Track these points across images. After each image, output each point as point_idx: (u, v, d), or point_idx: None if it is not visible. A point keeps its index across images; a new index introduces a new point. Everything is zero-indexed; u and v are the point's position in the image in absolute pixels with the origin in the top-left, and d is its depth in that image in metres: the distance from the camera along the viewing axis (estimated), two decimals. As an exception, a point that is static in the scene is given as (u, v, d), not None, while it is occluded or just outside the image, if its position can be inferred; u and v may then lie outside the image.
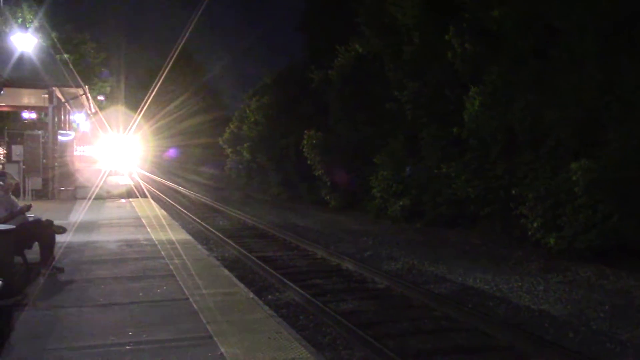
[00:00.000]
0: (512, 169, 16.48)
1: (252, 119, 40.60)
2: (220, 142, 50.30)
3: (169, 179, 48.49)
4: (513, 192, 15.97)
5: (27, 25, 13.78)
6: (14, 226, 7.34)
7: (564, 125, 14.71)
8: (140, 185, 26.71)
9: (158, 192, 31.55)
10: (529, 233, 15.24)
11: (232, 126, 47.90)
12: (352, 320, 8.41)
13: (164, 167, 57.62)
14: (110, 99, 44.46)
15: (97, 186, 22.33)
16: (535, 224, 15.05)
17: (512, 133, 16.36)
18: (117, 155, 31.41)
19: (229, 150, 49.13)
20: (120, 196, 22.93)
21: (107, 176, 25.14)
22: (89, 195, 21.61)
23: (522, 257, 14.22)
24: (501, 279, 11.72)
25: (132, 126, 37.66)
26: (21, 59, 18.73)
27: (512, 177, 16.37)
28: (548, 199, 14.69)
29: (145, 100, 41.00)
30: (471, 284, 11.43)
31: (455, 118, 18.02)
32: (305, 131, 28.16)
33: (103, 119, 31.87)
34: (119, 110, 42.62)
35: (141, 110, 40.18)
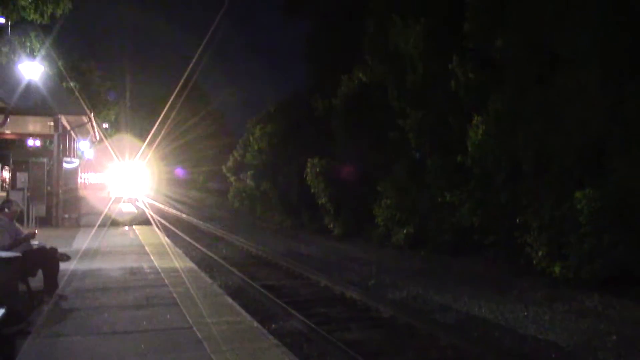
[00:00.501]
0: (516, 197, 16.45)
1: (256, 147, 40.71)
2: (224, 170, 50.35)
3: (173, 206, 48.51)
4: (517, 220, 15.93)
5: (35, 54, 13.94)
6: (19, 254, 7.34)
7: (568, 154, 14.72)
8: (145, 212, 26.68)
9: (162, 219, 31.50)
10: (534, 262, 15.16)
11: (235, 154, 47.99)
12: (356, 349, 8.34)
13: (168, 194, 57.61)
14: (116, 126, 44.78)
15: (102, 214, 22.31)
16: (539, 253, 14.99)
17: (516, 161, 16.37)
18: (123, 182, 31.44)
19: (232, 178, 49.15)
20: (125, 224, 22.93)
21: (113, 203, 25.14)
22: (92, 223, 21.60)
23: (527, 286, 14.12)
24: (506, 308, 11.63)
25: (138, 153, 37.80)
26: (28, 87, 18.87)
27: (516, 206, 16.32)
28: (552, 227, 14.65)
29: (152, 127, 41.18)
30: (476, 313, 11.35)
31: (459, 146, 18.05)
32: (309, 159, 28.22)
33: (109, 146, 32.02)
34: (125, 137, 42.84)
35: (148, 137, 40.35)
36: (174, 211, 44.51)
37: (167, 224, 29.92)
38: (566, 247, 14.18)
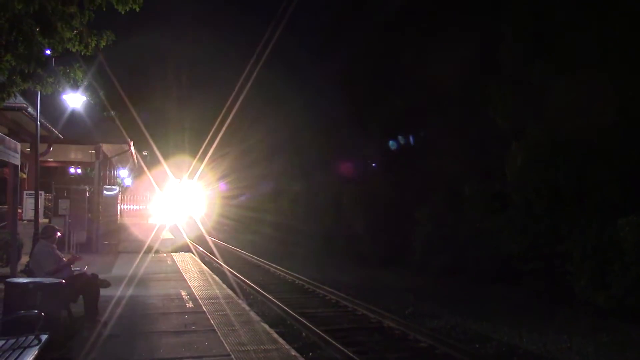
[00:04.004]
0: (556, 224, 16.13)
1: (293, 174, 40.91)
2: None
3: (211, 234, 48.77)
4: (558, 248, 15.60)
5: (78, 84, 14.29)
6: (62, 280, 7.46)
7: (610, 180, 14.43)
8: (185, 240, 26.92)
9: (198, 245, 31.68)
10: (576, 291, 14.79)
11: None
12: (395, 379, 8.21)
13: (210, 220, 57.61)
14: (152, 155, 45.30)
15: (141, 240, 22.61)
16: (581, 282, 14.62)
17: (557, 188, 16.09)
18: (166, 208, 31.62)
19: (270, 205, 49.27)
20: (164, 251, 23.14)
21: (154, 230, 25.40)
22: (132, 249, 21.88)
23: (569, 316, 13.77)
24: (549, 339, 11.35)
25: (182, 179, 37.97)
26: (71, 117, 19.39)
27: (557, 233, 16.00)
28: (595, 256, 14.30)
29: (200, 150, 41.03)
30: (517, 343, 11.09)
31: (497, 173, 17.85)
32: (346, 186, 28.22)
33: (149, 174, 32.44)
34: (170, 164, 43.04)
35: (194, 164, 40.34)
36: (211, 237, 44.73)
37: (204, 251, 30.06)
38: (610, 276, 13.80)
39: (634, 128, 13.92)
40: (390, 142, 27.65)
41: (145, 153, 42.02)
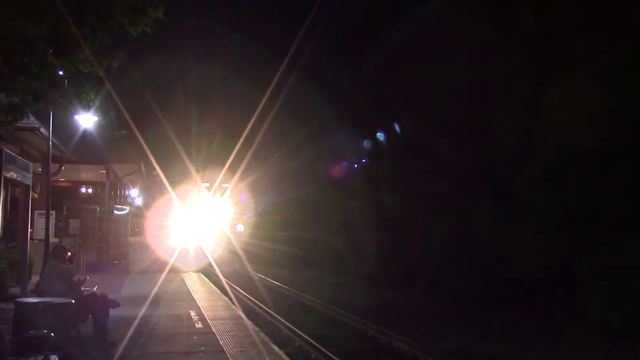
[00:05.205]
0: (569, 245, 16.00)
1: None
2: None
3: (214, 251, 48.53)
4: (570, 269, 15.46)
5: (90, 105, 14.46)
6: (72, 300, 7.46)
7: (623, 200, 14.34)
8: (195, 260, 26.82)
9: (210, 267, 31.63)
10: (588, 312, 14.62)
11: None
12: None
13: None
14: (170, 174, 45.20)
15: (151, 260, 22.63)
16: (594, 303, 14.45)
17: (568, 209, 15.98)
18: (184, 227, 30.98)
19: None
20: (175, 270, 23.05)
21: (165, 250, 25.32)
22: (142, 269, 21.90)
23: (582, 338, 13.57)
24: (561, 361, 11.20)
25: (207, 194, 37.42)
26: (83, 137, 19.56)
27: (569, 254, 15.86)
28: (608, 277, 14.15)
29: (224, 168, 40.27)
30: (530, 366, 10.95)
31: (508, 193, 17.77)
32: (356, 206, 28.18)
33: (173, 194, 32.03)
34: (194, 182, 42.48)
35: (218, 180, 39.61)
36: (216, 254, 44.63)
37: (214, 270, 30.01)
38: (623, 297, 13.64)
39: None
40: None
41: (155, 173, 42.13)
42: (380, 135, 28.56)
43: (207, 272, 26.39)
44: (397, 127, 26.40)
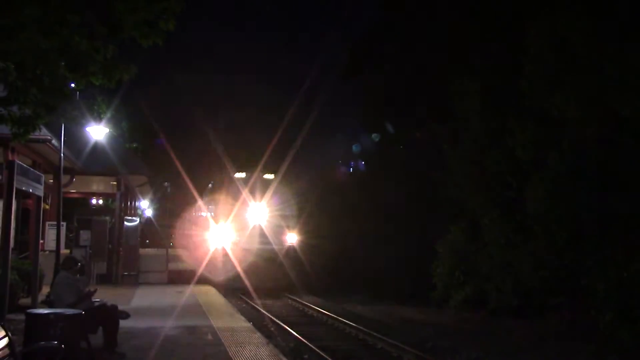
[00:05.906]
0: (580, 257, 15.87)
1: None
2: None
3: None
4: (582, 281, 15.33)
5: (102, 117, 14.61)
6: (82, 311, 7.49)
7: (634, 213, 14.23)
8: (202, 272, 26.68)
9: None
10: (600, 326, 14.47)
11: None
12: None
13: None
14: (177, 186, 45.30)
15: (160, 271, 22.64)
16: (606, 317, 14.30)
17: (579, 220, 15.87)
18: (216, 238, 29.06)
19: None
20: (182, 282, 23.01)
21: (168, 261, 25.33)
22: (151, 281, 21.93)
23: (594, 351, 13.45)
24: (573, 375, 11.10)
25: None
26: (94, 149, 19.70)
27: (581, 266, 15.72)
28: (621, 289, 14.01)
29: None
30: (541, 380, 10.86)
31: (518, 205, 17.68)
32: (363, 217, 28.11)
33: (206, 205, 31.11)
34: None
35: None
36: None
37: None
38: (636, 311, 13.51)
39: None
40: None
41: (166, 184, 42.31)
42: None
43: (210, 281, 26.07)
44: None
